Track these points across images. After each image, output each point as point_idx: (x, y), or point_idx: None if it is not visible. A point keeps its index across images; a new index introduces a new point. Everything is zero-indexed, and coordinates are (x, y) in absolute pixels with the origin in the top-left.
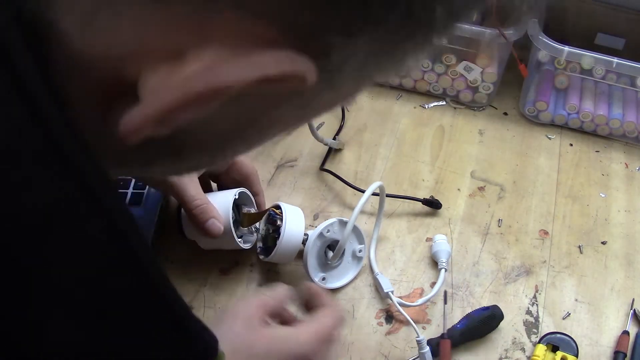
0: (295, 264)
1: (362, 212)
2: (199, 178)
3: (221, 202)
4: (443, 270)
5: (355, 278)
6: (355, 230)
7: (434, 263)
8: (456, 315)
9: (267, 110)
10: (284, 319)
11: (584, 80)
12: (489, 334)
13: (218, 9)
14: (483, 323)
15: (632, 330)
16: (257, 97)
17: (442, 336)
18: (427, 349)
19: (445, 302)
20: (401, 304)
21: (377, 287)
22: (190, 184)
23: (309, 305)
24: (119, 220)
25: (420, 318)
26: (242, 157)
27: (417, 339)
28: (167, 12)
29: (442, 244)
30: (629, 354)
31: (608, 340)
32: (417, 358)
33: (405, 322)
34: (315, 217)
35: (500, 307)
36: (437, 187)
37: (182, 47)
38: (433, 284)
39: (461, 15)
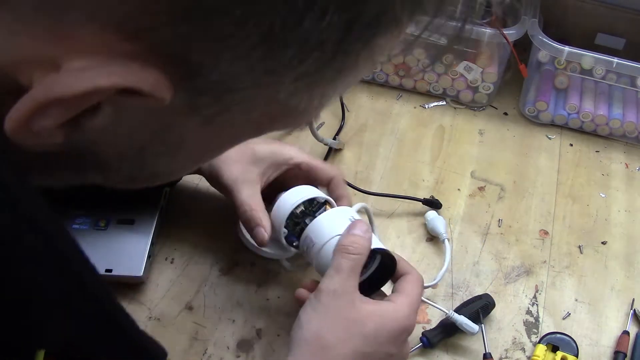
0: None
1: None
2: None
3: (280, 210)
4: (446, 241)
5: None
6: None
7: (435, 263)
8: None
9: (157, 125)
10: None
11: (584, 80)
12: (488, 334)
13: (76, 21)
14: (476, 316)
15: (632, 330)
16: (133, 111)
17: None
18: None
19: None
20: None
21: None
22: (244, 188)
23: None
24: (60, 242)
25: (420, 318)
26: (322, 162)
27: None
28: (35, 24)
29: (434, 217)
30: (629, 354)
31: (608, 340)
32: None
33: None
34: None
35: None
36: (437, 187)
37: (56, 57)
38: (433, 284)
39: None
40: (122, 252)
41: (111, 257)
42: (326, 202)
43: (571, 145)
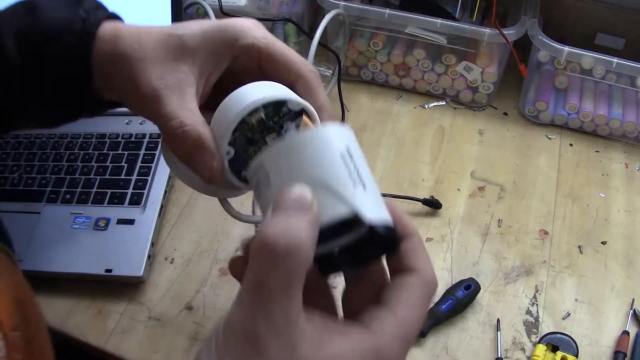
0: None
1: None
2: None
3: (224, 117)
4: None
5: None
6: None
7: (435, 263)
8: (456, 316)
9: None
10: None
11: (584, 80)
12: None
13: None
14: (466, 303)
15: (632, 330)
16: None
17: None
18: None
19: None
20: None
21: None
22: (171, 97)
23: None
24: None
25: None
26: (289, 49)
27: None
28: None
29: None
30: (629, 354)
31: (608, 340)
32: None
33: None
34: None
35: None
36: (437, 187)
37: None
38: None
39: None
40: (122, 252)
41: (111, 257)
42: (303, 111)
43: (571, 145)
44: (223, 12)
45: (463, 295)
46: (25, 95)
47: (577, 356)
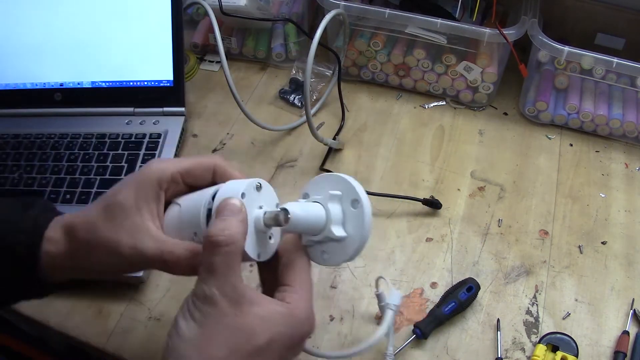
0: None
1: None
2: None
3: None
4: (389, 311)
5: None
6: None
7: (435, 263)
8: (456, 316)
9: None
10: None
11: (584, 80)
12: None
13: None
14: (466, 303)
15: (632, 330)
16: None
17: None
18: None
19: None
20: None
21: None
22: (143, 237)
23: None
24: None
25: (419, 318)
26: (191, 161)
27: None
28: None
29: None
30: (629, 354)
31: (608, 340)
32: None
33: (406, 322)
34: None
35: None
36: (437, 187)
37: None
38: (433, 284)
39: None
40: None
41: None
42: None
43: (571, 145)
44: (223, 12)
45: (465, 298)
46: None
47: (577, 356)
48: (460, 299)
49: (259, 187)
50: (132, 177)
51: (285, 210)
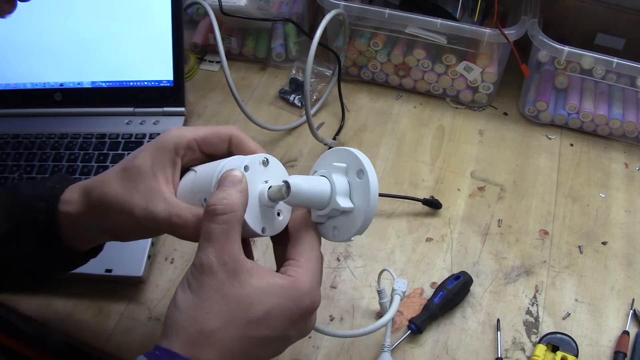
0: None
1: None
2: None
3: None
4: (396, 296)
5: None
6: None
7: (435, 263)
8: (456, 316)
9: None
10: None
11: (584, 80)
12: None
13: None
14: (458, 293)
15: (632, 330)
16: None
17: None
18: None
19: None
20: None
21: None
22: (158, 187)
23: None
24: None
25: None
26: (208, 129)
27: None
28: None
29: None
30: (629, 354)
31: (608, 340)
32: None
33: (406, 322)
34: None
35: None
36: (437, 187)
37: None
38: (433, 284)
39: None
40: (122, 252)
41: (111, 257)
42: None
43: (571, 145)
44: (223, 12)
45: (452, 285)
46: (10, 259)
47: (577, 356)
48: (447, 287)
49: (265, 162)
50: (152, 142)
51: (287, 183)
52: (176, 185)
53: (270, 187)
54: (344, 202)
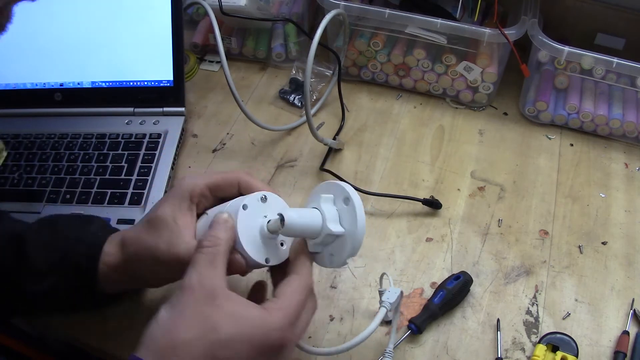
0: None
1: None
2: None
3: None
4: (382, 309)
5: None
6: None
7: (435, 263)
8: (456, 316)
9: None
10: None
11: (584, 80)
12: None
13: None
14: (458, 293)
15: (632, 330)
16: None
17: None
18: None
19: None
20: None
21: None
22: (179, 232)
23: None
24: None
25: (414, 314)
26: (217, 176)
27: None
28: None
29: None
30: (629, 354)
31: (608, 340)
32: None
33: (406, 322)
34: None
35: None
36: (437, 187)
37: None
38: (433, 284)
39: None
40: None
41: None
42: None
43: (571, 145)
44: (223, 12)
45: (452, 285)
46: (42, 294)
47: (577, 356)
48: (447, 287)
49: (263, 199)
50: (169, 193)
51: (281, 215)
52: (194, 228)
53: (269, 220)
54: (334, 227)
